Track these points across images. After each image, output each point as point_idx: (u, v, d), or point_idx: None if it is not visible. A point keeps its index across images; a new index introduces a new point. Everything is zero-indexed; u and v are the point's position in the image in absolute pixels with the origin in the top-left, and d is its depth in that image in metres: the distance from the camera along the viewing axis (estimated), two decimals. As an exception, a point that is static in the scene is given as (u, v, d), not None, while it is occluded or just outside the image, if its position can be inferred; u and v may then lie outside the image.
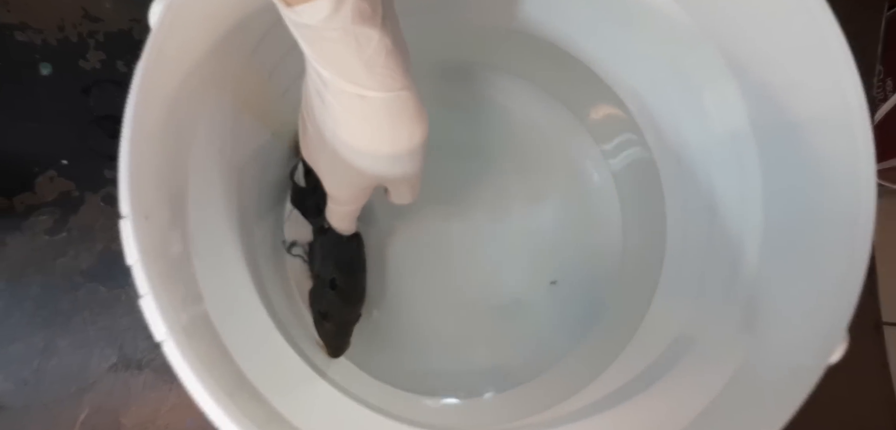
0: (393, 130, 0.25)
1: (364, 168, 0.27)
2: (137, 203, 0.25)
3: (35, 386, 0.40)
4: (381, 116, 0.24)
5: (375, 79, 0.22)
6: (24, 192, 0.42)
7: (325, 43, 0.22)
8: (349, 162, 0.27)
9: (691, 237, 0.38)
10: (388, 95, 0.23)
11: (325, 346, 0.36)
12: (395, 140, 0.25)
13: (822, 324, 0.27)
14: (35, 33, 0.43)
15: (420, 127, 0.26)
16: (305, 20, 0.21)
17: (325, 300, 0.36)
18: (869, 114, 0.27)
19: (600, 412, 0.33)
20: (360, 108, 0.24)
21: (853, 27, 0.27)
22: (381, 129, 0.25)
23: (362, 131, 0.25)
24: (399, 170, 0.28)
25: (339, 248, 0.37)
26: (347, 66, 0.22)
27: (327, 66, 0.23)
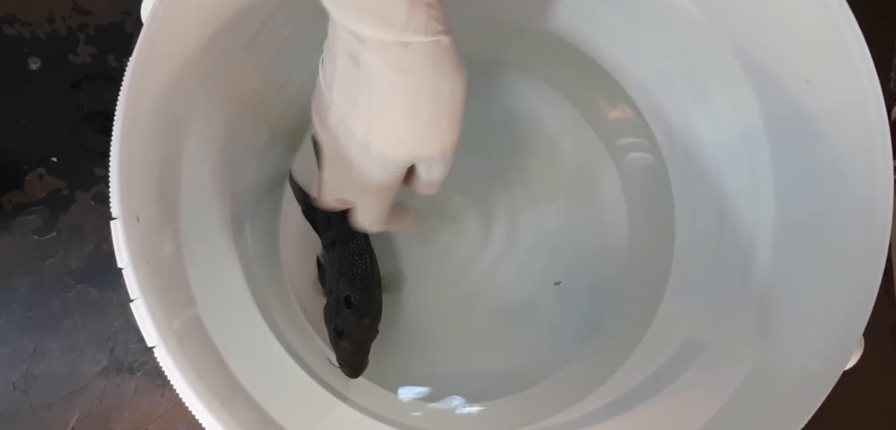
0: (436, 84, 0.23)
1: (402, 139, 0.25)
2: (128, 204, 0.24)
3: (25, 391, 0.39)
4: (424, 65, 0.23)
5: (419, 21, 0.21)
6: (13, 190, 0.41)
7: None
8: (386, 137, 0.25)
9: (701, 237, 0.37)
10: (432, 39, 0.22)
11: (343, 365, 0.35)
12: (438, 96, 0.24)
13: (837, 328, 0.26)
14: (24, 26, 0.42)
15: (461, 81, 0.24)
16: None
17: (341, 318, 0.35)
18: (886, 108, 0.26)
19: (608, 417, 0.33)
20: (400, 59, 0.22)
21: (869, 20, 0.26)
22: (424, 80, 0.23)
23: (405, 91, 0.23)
24: (436, 139, 0.25)
25: (351, 264, 0.36)
26: (389, 15, 0.21)
27: (368, 20, 0.22)
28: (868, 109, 0.26)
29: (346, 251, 0.36)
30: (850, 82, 0.26)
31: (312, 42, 0.39)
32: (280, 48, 0.36)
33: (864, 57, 0.26)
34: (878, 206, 0.26)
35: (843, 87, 0.27)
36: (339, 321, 0.35)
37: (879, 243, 0.26)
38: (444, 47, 0.23)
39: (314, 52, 0.40)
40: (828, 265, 0.28)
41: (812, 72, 0.28)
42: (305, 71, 0.40)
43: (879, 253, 0.25)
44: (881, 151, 0.26)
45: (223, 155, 0.33)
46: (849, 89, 0.27)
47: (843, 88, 0.27)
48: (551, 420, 0.35)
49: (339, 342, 0.35)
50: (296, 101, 0.41)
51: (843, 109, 0.27)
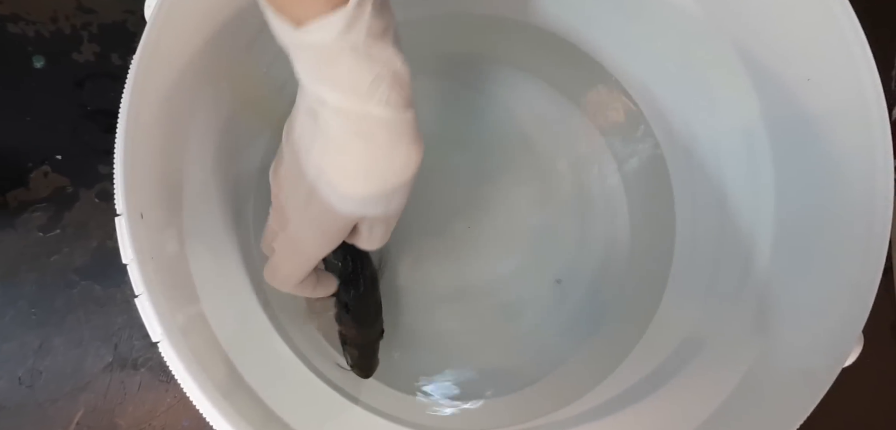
0: (391, 154, 0.24)
1: (349, 198, 0.25)
2: (133, 201, 0.24)
3: (30, 386, 0.39)
4: (381, 137, 0.23)
5: (381, 95, 0.22)
6: (18, 188, 0.41)
7: (332, 60, 0.21)
8: (331, 192, 0.25)
9: (701, 235, 0.37)
10: (393, 114, 0.22)
11: (354, 368, 0.35)
12: (390, 165, 0.24)
13: (836, 326, 0.26)
14: (28, 25, 0.42)
15: (417, 155, 0.25)
16: (315, 39, 0.20)
17: (343, 325, 0.36)
18: (886, 107, 0.26)
19: (608, 414, 0.33)
20: (359, 127, 0.22)
21: (871, 19, 0.26)
22: (380, 148, 0.23)
23: (358, 154, 0.23)
24: (382, 205, 0.26)
25: (345, 270, 0.36)
26: (353, 84, 0.21)
27: (331, 86, 0.22)
28: (869, 108, 0.26)
29: (340, 257, 0.36)
30: (850, 81, 0.26)
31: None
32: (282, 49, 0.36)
33: (865, 55, 0.26)
34: (879, 204, 0.26)
35: (843, 85, 0.27)
36: (342, 328, 0.36)
37: (879, 242, 0.26)
38: (404, 122, 0.23)
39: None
40: (827, 264, 0.28)
41: (813, 70, 0.28)
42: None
43: (879, 251, 0.26)
44: (881, 149, 0.26)
45: (226, 153, 0.34)
46: (849, 88, 0.27)
47: (843, 87, 0.27)
48: (551, 417, 0.35)
49: (346, 347, 0.36)
50: (297, 99, 0.41)
51: (843, 108, 0.27)
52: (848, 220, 0.27)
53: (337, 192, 0.25)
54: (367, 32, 0.20)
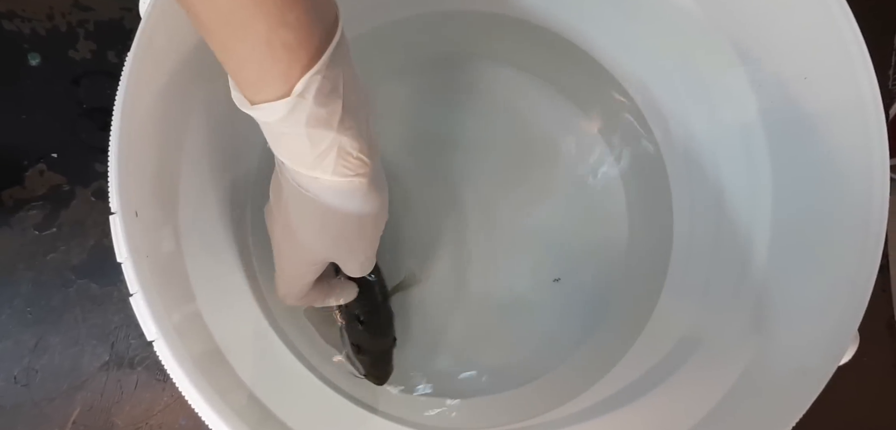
0: (340, 212, 0.25)
1: (307, 244, 0.27)
2: (127, 199, 0.24)
3: (26, 385, 0.39)
4: (330, 198, 0.24)
5: (328, 166, 0.23)
6: (13, 186, 0.41)
7: (278, 136, 0.22)
8: (298, 238, 0.27)
9: (698, 234, 0.37)
10: (340, 181, 0.23)
11: (368, 376, 0.36)
12: (342, 220, 0.25)
13: (833, 324, 0.26)
14: (23, 22, 0.42)
15: (374, 211, 0.26)
16: (263, 117, 0.21)
17: (356, 335, 0.36)
18: (883, 106, 0.26)
19: (606, 413, 0.33)
20: (310, 186, 0.24)
21: (868, 18, 0.26)
22: (328, 207, 0.24)
23: (311, 209, 0.25)
24: (344, 252, 0.28)
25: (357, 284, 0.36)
26: (299, 155, 0.23)
27: (282, 152, 0.23)
28: (866, 107, 0.26)
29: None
30: (847, 79, 0.26)
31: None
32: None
33: (862, 54, 0.26)
34: (875, 203, 0.26)
35: (840, 84, 0.27)
36: (355, 337, 0.36)
37: (875, 240, 0.26)
38: (354, 186, 0.24)
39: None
40: (824, 262, 0.28)
41: (810, 68, 0.28)
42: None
43: (875, 250, 0.26)
44: (878, 148, 0.26)
45: (222, 150, 0.34)
46: (846, 86, 0.27)
47: (840, 85, 0.27)
48: (550, 415, 0.35)
49: (360, 356, 0.36)
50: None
51: (840, 106, 0.27)
52: (844, 218, 0.27)
53: (299, 240, 0.27)
54: (307, 119, 0.21)
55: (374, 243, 0.29)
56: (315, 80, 0.20)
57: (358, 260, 0.29)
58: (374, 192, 0.25)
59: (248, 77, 0.20)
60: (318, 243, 0.27)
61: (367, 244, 0.28)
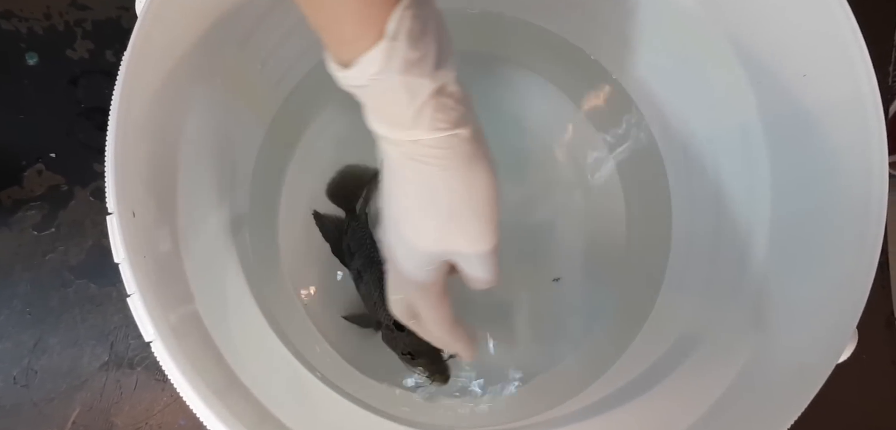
0: (446, 174, 0.23)
1: (420, 230, 0.25)
2: (124, 199, 0.24)
3: (25, 385, 0.39)
4: (431, 158, 0.23)
5: (425, 120, 0.22)
6: (11, 186, 0.41)
7: (377, 96, 0.22)
8: (408, 226, 0.25)
9: (698, 231, 0.37)
10: (442, 135, 0.22)
11: (433, 378, 0.36)
12: (450, 186, 0.24)
13: (832, 321, 0.26)
14: (20, 22, 0.42)
15: (481, 172, 0.24)
16: (359, 77, 0.21)
17: (403, 342, 0.36)
18: (882, 104, 0.26)
19: (605, 410, 0.33)
20: (411, 152, 0.23)
21: (867, 14, 0.26)
22: (433, 172, 0.23)
23: (415, 176, 0.23)
24: (459, 234, 0.25)
25: (384, 289, 0.36)
26: (398, 116, 0.22)
27: (380, 120, 0.23)
28: (864, 103, 0.26)
29: (374, 277, 0.36)
30: (846, 77, 0.26)
31: (310, 38, 0.39)
32: (277, 44, 0.36)
33: (861, 51, 0.26)
34: (874, 199, 0.26)
35: (839, 81, 0.27)
36: (404, 345, 0.36)
37: (874, 237, 0.26)
38: (460, 141, 0.23)
39: (311, 48, 0.40)
40: (823, 259, 0.28)
41: (809, 66, 0.28)
42: (303, 66, 0.40)
43: (874, 247, 0.26)
44: (877, 145, 0.26)
45: (220, 150, 0.33)
46: (845, 84, 0.26)
47: (839, 83, 0.27)
48: (549, 414, 0.35)
49: (415, 362, 0.36)
50: (293, 96, 0.40)
51: (839, 103, 0.27)
52: (843, 215, 0.27)
53: (412, 228, 0.25)
54: (402, 65, 0.20)
55: (489, 226, 0.25)
56: (406, 16, 0.20)
57: (477, 249, 0.26)
58: (479, 150, 0.24)
59: (342, 32, 0.20)
60: (430, 225, 0.25)
61: (483, 226, 0.25)
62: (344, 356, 0.39)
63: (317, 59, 0.41)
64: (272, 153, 0.40)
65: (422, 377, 0.36)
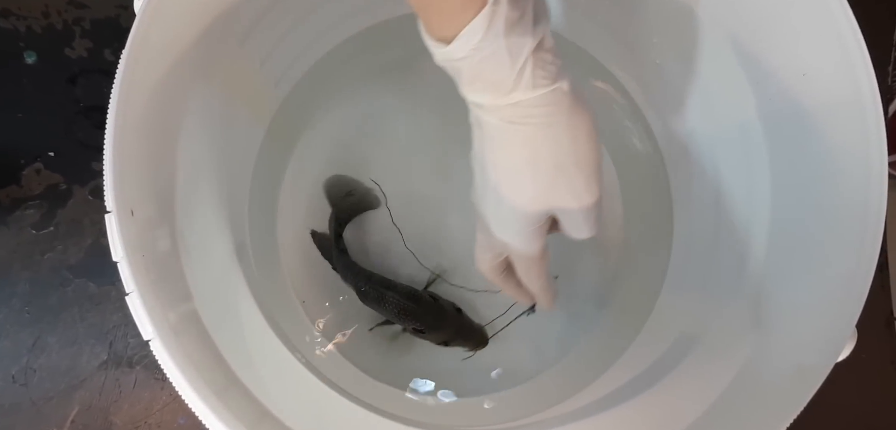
0: (550, 128, 0.23)
1: (526, 190, 0.25)
2: (123, 198, 0.24)
3: (24, 384, 0.39)
4: (535, 115, 0.23)
5: (527, 80, 0.22)
6: (10, 185, 0.41)
7: (478, 65, 0.22)
8: (513, 192, 0.25)
9: (697, 231, 0.37)
10: (542, 91, 0.22)
11: (477, 347, 0.37)
12: (555, 139, 0.23)
13: (831, 320, 0.26)
14: (19, 20, 0.42)
15: (584, 120, 0.24)
16: (463, 49, 0.21)
17: (432, 334, 0.37)
18: (882, 103, 0.26)
19: (605, 410, 0.33)
20: (513, 115, 0.23)
21: (867, 14, 0.26)
22: (538, 128, 0.23)
23: (518, 138, 0.23)
24: (565, 188, 0.25)
25: (391, 303, 0.37)
26: (500, 81, 0.22)
27: (482, 90, 0.23)
28: (864, 103, 0.26)
29: (375, 293, 0.37)
30: (846, 76, 0.26)
31: (309, 36, 0.39)
32: (277, 43, 0.36)
33: (861, 51, 0.26)
34: (873, 199, 0.26)
35: (839, 80, 0.27)
36: (436, 340, 0.37)
37: (873, 237, 0.26)
38: (561, 95, 0.23)
39: (311, 47, 0.40)
40: (822, 259, 0.28)
41: (808, 65, 0.28)
42: (302, 65, 0.40)
43: (873, 246, 0.25)
44: (876, 145, 0.26)
45: (220, 148, 0.33)
46: (845, 83, 0.26)
47: (839, 82, 0.27)
48: (549, 413, 0.35)
49: (453, 344, 0.38)
50: (293, 95, 0.40)
51: (839, 103, 0.27)
52: (843, 215, 0.27)
53: (516, 190, 0.25)
54: (504, 27, 0.21)
55: (594, 178, 0.25)
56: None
57: (582, 203, 0.25)
58: (579, 101, 0.24)
59: (446, 6, 0.21)
60: (534, 185, 0.25)
61: (588, 179, 0.25)
62: (343, 354, 0.39)
63: (316, 57, 0.41)
64: (271, 152, 0.40)
65: (467, 350, 0.38)
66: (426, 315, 0.37)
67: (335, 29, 0.40)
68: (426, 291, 0.39)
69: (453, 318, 0.38)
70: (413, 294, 0.37)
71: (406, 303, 0.36)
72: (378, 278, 0.38)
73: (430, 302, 0.38)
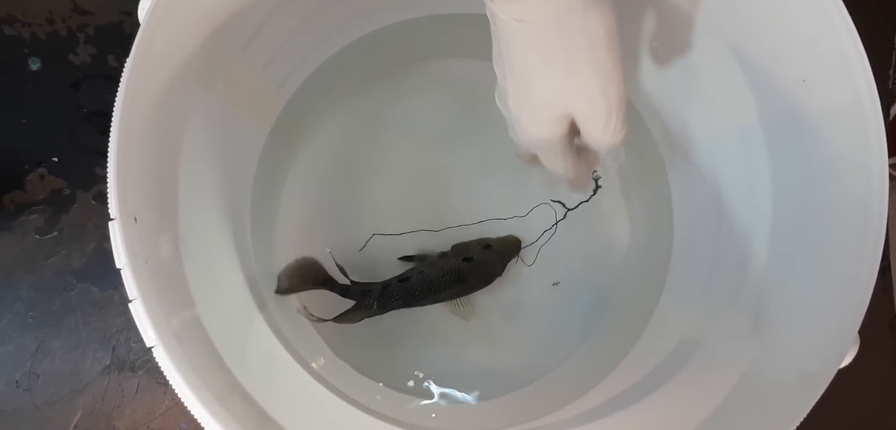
0: (560, 25, 0.22)
1: (539, 90, 0.24)
2: (126, 205, 0.24)
3: (28, 389, 0.39)
4: (544, 10, 0.22)
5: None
6: (14, 190, 0.41)
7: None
8: (525, 89, 0.25)
9: (698, 236, 0.37)
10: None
11: (496, 273, 0.39)
12: (566, 37, 0.22)
13: (833, 326, 0.26)
14: (24, 27, 0.42)
15: (598, 16, 0.22)
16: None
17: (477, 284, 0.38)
18: (882, 107, 0.26)
19: (606, 415, 0.33)
20: (521, 9, 0.22)
21: (867, 18, 0.26)
22: (548, 25, 0.22)
23: (528, 36, 0.23)
24: (580, 89, 0.24)
25: (400, 297, 0.37)
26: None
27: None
28: (864, 108, 0.26)
29: (389, 299, 0.38)
30: (846, 81, 0.26)
31: (310, 43, 0.39)
32: (278, 48, 0.36)
33: (860, 56, 0.26)
34: (874, 204, 0.26)
35: (839, 85, 0.27)
36: (479, 281, 0.38)
37: (875, 242, 0.26)
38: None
39: (312, 53, 0.40)
40: (824, 264, 0.28)
41: (808, 71, 0.28)
42: (304, 70, 0.40)
43: (875, 251, 0.25)
44: (877, 149, 0.26)
45: (222, 155, 0.34)
46: (845, 88, 0.26)
47: (839, 87, 0.27)
48: (549, 418, 0.35)
49: (502, 271, 0.39)
50: (294, 100, 0.41)
51: (839, 108, 0.27)
52: (844, 220, 0.27)
53: (530, 90, 0.24)
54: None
55: (611, 80, 0.24)
56: None
57: (598, 111, 0.24)
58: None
59: None
60: (546, 89, 0.24)
61: (603, 81, 0.24)
62: (345, 360, 0.39)
63: (318, 63, 0.41)
64: (273, 158, 0.40)
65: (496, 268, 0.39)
66: (469, 267, 0.37)
67: (336, 35, 0.40)
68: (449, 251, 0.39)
69: (488, 251, 0.38)
70: (439, 260, 0.38)
71: (440, 272, 0.37)
72: (392, 279, 0.38)
73: (458, 252, 0.38)
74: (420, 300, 0.38)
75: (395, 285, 0.37)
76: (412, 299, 0.37)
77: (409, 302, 0.38)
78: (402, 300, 0.37)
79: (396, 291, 0.37)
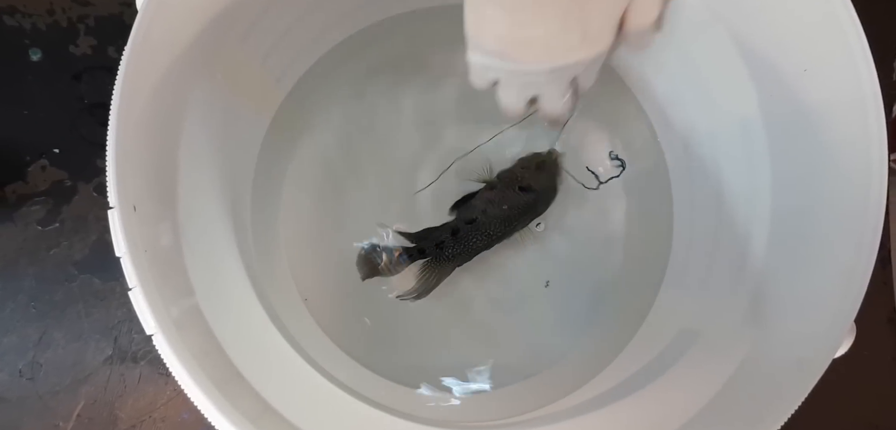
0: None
1: (489, 29, 0.23)
2: (125, 194, 0.24)
3: (31, 378, 0.40)
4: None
5: None
6: (16, 181, 0.41)
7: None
8: (476, 29, 0.24)
9: (698, 227, 0.37)
10: None
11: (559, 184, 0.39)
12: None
13: (829, 316, 0.26)
14: (24, 18, 0.42)
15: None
16: None
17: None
18: (883, 100, 0.26)
19: (606, 405, 0.33)
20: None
21: (870, 10, 0.26)
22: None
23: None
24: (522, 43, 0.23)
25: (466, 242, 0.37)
26: None
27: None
28: (865, 100, 0.26)
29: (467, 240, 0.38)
30: (847, 73, 0.26)
31: (311, 33, 0.39)
32: (278, 39, 0.36)
33: (863, 47, 0.26)
34: (873, 195, 0.26)
35: (840, 77, 0.27)
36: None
37: (873, 233, 0.26)
38: None
39: (313, 43, 0.40)
40: (822, 255, 0.28)
41: (810, 61, 0.28)
42: (304, 61, 0.40)
43: (872, 242, 0.25)
44: (877, 141, 0.26)
45: (221, 144, 0.34)
46: (846, 80, 0.26)
47: (840, 79, 0.27)
48: (551, 408, 0.36)
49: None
50: (295, 90, 0.41)
51: (840, 100, 0.27)
52: (843, 211, 0.27)
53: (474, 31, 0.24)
54: None
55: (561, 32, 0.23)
56: None
57: (539, 63, 0.24)
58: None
59: None
60: (494, 25, 0.23)
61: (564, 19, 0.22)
62: (343, 349, 0.39)
63: (319, 54, 0.41)
64: (274, 148, 0.40)
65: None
66: (531, 196, 0.37)
67: (337, 26, 0.40)
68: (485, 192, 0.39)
69: (540, 172, 0.39)
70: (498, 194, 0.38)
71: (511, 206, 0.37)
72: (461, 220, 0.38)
73: (510, 181, 0.38)
74: (497, 238, 0.38)
75: (464, 229, 0.37)
76: (489, 239, 0.38)
77: (487, 243, 0.38)
78: (481, 241, 0.37)
79: (470, 232, 0.37)
